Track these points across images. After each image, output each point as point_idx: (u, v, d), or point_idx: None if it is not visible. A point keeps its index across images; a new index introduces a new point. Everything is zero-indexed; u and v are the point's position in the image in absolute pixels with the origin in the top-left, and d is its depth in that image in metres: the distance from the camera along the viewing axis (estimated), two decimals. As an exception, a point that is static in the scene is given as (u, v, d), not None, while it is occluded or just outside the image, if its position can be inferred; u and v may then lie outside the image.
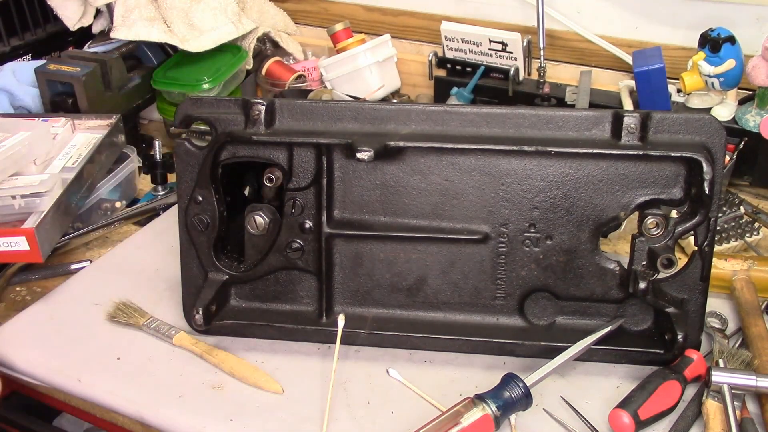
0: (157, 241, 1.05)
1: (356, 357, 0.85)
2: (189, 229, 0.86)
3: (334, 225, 0.85)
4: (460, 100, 1.28)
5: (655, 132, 0.78)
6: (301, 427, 0.76)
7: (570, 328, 0.85)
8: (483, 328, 0.85)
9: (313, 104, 0.83)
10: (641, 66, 1.12)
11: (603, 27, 1.31)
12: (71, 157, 1.05)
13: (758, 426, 0.74)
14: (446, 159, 0.82)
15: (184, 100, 0.85)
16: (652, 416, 0.74)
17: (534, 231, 0.83)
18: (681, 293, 0.81)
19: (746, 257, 0.94)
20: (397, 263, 0.86)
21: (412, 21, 1.47)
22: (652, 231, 0.80)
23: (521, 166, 0.81)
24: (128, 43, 1.32)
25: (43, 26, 1.37)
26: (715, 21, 1.13)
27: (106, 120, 1.14)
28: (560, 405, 0.78)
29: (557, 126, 0.80)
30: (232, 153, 0.84)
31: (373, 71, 1.35)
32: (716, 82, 1.11)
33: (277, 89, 1.36)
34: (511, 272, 0.84)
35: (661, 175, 0.80)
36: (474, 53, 1.34)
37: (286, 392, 0.80)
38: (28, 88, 1.23)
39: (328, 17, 1.53)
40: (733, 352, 0.80)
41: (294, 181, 0.84)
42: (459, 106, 0.82)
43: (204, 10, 1.28)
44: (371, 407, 0.78)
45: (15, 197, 0.93)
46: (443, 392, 0.80)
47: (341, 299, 0.87)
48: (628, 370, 0.82)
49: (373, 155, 0.78)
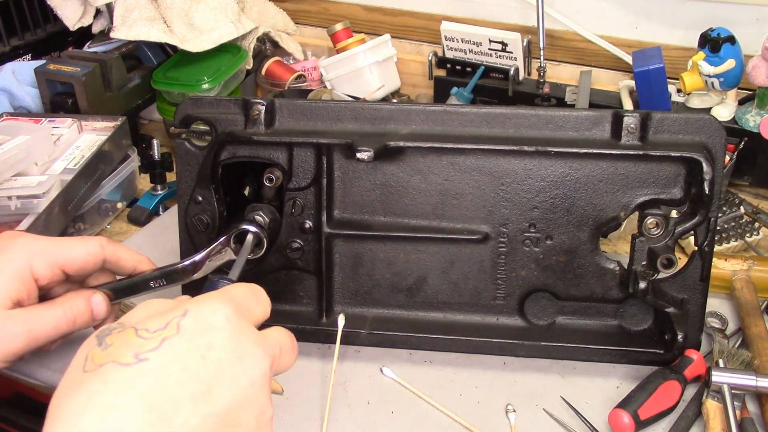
0: (157, 241, 1.05)
1: (356, 357, 0.85)
2: (189, 229, 0.86)
3: (334, 225, 0.85)
4: (460, 100, 1.28)
5: (655, 132, 0.78)
6: (301, 427, 0.76)
7: (570, 328, 0.85)
8: (483, 328, 0.85)
9: (313, 104, 0.83)
10: (641, 66, 1.12)
11: (603, 27, 1.31)
12: (74, 158, 1.05)
13: (758, 426, 0.74)
14: (446, 159, 0.82)
15: (184, 100, 0.84)
16: (652, 416, 0.74)
17: (534, 231, 0.83)
18: (681, 293, 0.81)
19: (746, 257, 0.94)
20: (397, 263, 0.86)
21: (412, 21, 1.47)
22: (652, 231, 0.80)
23: (521, 166, 0.81)
24: (128, 43, 1.32)
25: (43, 26, 1.37)
26: (715, 21, 1.13)
27: (112, 122, 1.14)
28: (560, 405, 0.78)
29: (557, 126, 0.80)
30: (232, 153, 0.84)
31: (373, 71, 1.35)
32: (716, 82, 1.11)
33: (277, 89, 1.36)
34: (511, 272, 0.84)
35: (661, 175, 0.80)
36: (474, 53, 1.34)
37: (286, 392, 0.80)
38: (27, 88, 1.23)
39: (328, 17, 1.53)
40: (733, 352, 0.80)
41: (294, 181, 0.84)
42: (459, 106, 0.82)
43: (204, 10, 1.28)
44: (371, 407, 0.78)
45: (11, 198, 0.93)
46: (443, 392, 0.80)
47: (341, 299, 0.87)
48: (628, 370, 0.82)
49: (373, 155, 0.78)
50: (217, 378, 0.47)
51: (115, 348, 0.47)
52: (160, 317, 0.50)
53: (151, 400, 0.44)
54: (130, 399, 0.44)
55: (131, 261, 0.75)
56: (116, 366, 0.46)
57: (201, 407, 0.46)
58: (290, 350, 0.57)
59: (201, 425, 0.45)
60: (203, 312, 0.50)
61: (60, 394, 0.46)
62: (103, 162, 1.08)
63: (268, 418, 0.51)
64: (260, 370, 0.51)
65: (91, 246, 0.71)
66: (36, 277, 0.68)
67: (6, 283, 0.66)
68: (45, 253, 0.68)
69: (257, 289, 0.58)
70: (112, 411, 0.43)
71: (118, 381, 0.45)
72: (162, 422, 0.43)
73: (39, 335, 0.67)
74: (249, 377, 0.50)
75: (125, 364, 0.46)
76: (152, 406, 0.44)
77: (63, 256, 0.69)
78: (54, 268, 0.69)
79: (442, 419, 0.77)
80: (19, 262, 0.67)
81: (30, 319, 0.67)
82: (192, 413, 0.45)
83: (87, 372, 0.46)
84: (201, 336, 0.49)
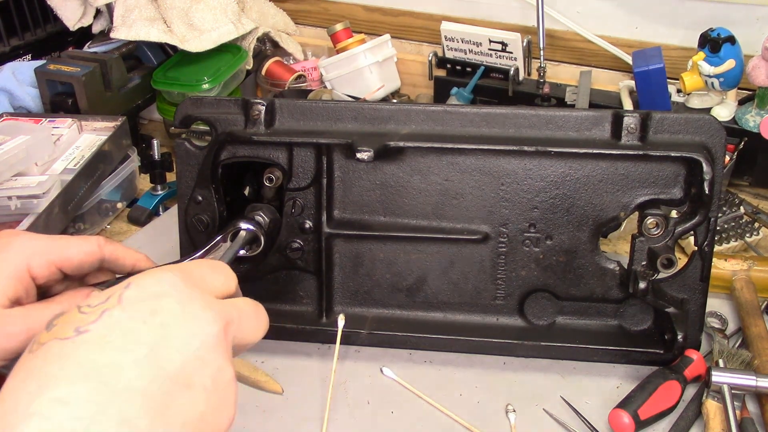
0: (157, 241, 1.05)
1: (356, 357, 0.85)
2: (189, 229, 0.86)
3: (334, 225, 0.85)
4: (460, 100, 1.28)
5: (655, 132, 0.78)
6: (301, 427, 0.76)
7: (570, 328, 0.85)
8: (483, 328, 0.85)
9: (313, 104, 0.83)
10: (641, 66, 1.12)
11: (603, 27, 1.31)
12: (74, 158, 1.05)
13: (758, 426, 0.74)
14: (446, 159, 0.82)
15: (184, 100, 0.84)
16: (652, 416, 0.74)
17: (534, 231, 0.83)
18: (681, 293, 0.81)
19: (746, 257, 0.94)
20: (397, 263, 0.86)
21: (412, 21, 1.47)
22: (652, 231, 0.80)
23: (521, 166, 0.81)
24: (128, 43, 1.32)
25: (43, 26, 1.37)
26: (715, 21, 1.13)
27: (112, 122, 1.14)
28: (560, 405, 0.78)
29: (557, 126, 0.80)
30: (232, 153, 0.84)
31: (373, 71, 1.35)
32: (716, 82, 1.11)
33: (277, 89, 1.36)
34: (511, 272, 0.84)
35: (661, 175, 0.80)
36: (474, 53, 1.34)
37: (286, 392, 0.80)
38: (27, 88, 1.23)
39: (328, 17, 1.53)
40: (733, 352, 0.80)
41: (294, 181, 0.84)
42: (459, 106, 0.82)
43: (204, 10, 1.28)
44: (371, 407, 0.78)
45: (11, 198, 0.93)
46: (443, 392, 0.80)
47: (341, 299, 0.87)
48: (628, 370, 0.82)
49: (373, 155, 0.78)
50: (164, 341, 0.47)
51: (59, 327, 0.48)
52: (103, 293, 0.50)
53: (90, 366, 0.44)
54: (67, 368, 0.44)
55: (130, 259, 0.76)
56: (56, 342, 0.46)
57: (146, 370, 0.46)
58: (253, 318, 0.56)
59: (148, 386, 0.45)
60: (146, 282, 0.51)
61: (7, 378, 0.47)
62: (103, 162, 1.08)
63: (228, 379, 0.51)
64: (211, 331, 0.50)
65: (88, 245, 0.71)
66: (34, 276, 0.68)
67: (3, 282, 0.66)
68: (43, 251, 0.68)
69: (218, 264, 0.58)
70: (50, 380, 0.43)
71: (55, 354, 0.45)
72: (103, 387, 0.44)
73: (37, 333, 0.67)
74: (200, 339, 0.49)
75: (65, 338, 0.46)
76: (90, 371, 0.44)
77: (61, 255, 0.69)
78: (52, 266, 0.69)
79: (442, 419, 0.77)
80: (17, 260, 0.67)
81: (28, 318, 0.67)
82: (136, 376, 0.45)
83: (31, 352, 0.47)
84: (143, 303, 0.49)
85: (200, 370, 0.49)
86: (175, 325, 0.49)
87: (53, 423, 0.41)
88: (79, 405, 0.42)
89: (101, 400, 0.43)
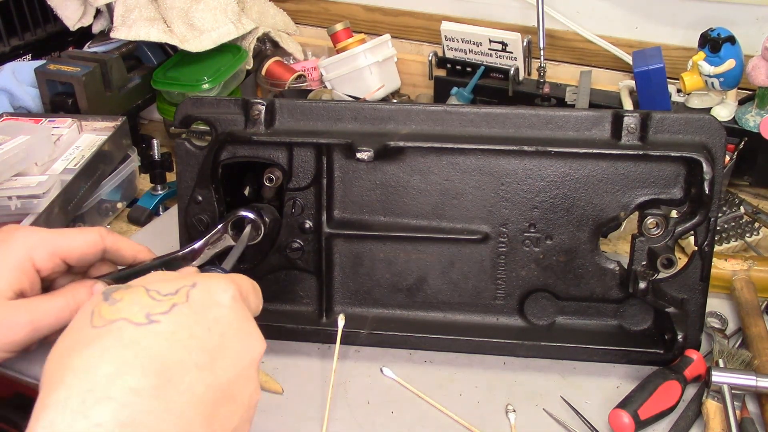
0: (157, 241, 1.05)
1: (356, 357, 0.85)
2: (189, 229, 0.86)
3: (334, 225, 0.85)
4: (460, 100, 1.28)
5: (655, 132, 0.78)
6: (301, 426, 0.76)
7: (570, 328, 0.85)
8: (483, 328, 0.85)
9: (313, 104, 0.83)
10: (641, 66, 1.12)
11: (603, 27, 1.31)
12: (74, 158, 1.05)
13: (758, 426, 0.74)
14: (446, 159, 0.82)
15: (184, 100, 0.85)
16: (652, 416, 0.74)
17: (534, 231, 0.83)
18: (681, 293, 0.81)
19: (746, 257, 0.94)
20: (397, 263, 0.86)
21: (412, 21, 1.47)
22: (652, 231, 0.80)
23: (521, 166, 0.81)
24: (128, 43, 1.32)
25: (43, 26, 1.37)
26: (715, 21, 1.13)
27: (112, 122, 1.14)
28: (560, 405, 0.78)
29: (557, 126, 0.80)
30: (232, 153, 0.84)
31: (373, 71, 1.35)
32: (716, 82, 1.11)
33: (277, 89, 1.36)
34: (511, 272, 0.84)
35: (661, 175, 0.80)
36: (474, 53, 1.34)
37: (286, 392, 0.80)
38: (27, 88, 1.23)
39: (328, 17, 1.53)
40: (733, 352, 0.80)
41: (294, 181, 0.84)
42: (459, 106, 0.82)
43: (204, 10, 1.28)
44: (371, 407, 0.78)
45: (11, 198, 0.93)
46: (443, 392, 0.80)
47: (341, 299, 0.87)
48: (628, 370, 0.82)
49: (373, 155, 0.78)
50: (221, 352, 0.49)
51: (125, 304, 0.48)
52: (170, 283, 0.51)
53: (162, 362, 0.45)
54: (143, 358, 0.45)
55: (131, 251, 0.76)
56: (128, 324, 0.47)
57: (205, 376, 0.47)
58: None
59: (204, 393, 0.46)
60: (211, 287, 0.52)
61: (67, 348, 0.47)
62: (103, 162, 1.08)
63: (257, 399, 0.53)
64: (260, 351, 0.53)
65: (90, 236, 0.72)
66: (37, 268, 0.69)
67: (8, 274, 0.66)
68: (45, 244, 0.69)
69: (256, 285, 0.61)
70: (126, 367, 0.44)
71: (131, 339, 0.46)
72: (169, 385, 0.45)
73: (42, 325, 0.68)
74: (250, 357, 0.52)
75: (137, 324, 0.47)
76: (163, 367, 0.45)
77: (63, 247, 0.70)
78: (55, 258, 0.70)
79: (442, 419, 0.77)
80: (20, 253, 0.68)
81: (33, 309, 0.67)
82: (197, 380, 0.46)
83: (96, 327, 0.47)
84: (208, 309, 0.51)
85: (244, 387, 0.50)
86: (234, 338, 0.51)
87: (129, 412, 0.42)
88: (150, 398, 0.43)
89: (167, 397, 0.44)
